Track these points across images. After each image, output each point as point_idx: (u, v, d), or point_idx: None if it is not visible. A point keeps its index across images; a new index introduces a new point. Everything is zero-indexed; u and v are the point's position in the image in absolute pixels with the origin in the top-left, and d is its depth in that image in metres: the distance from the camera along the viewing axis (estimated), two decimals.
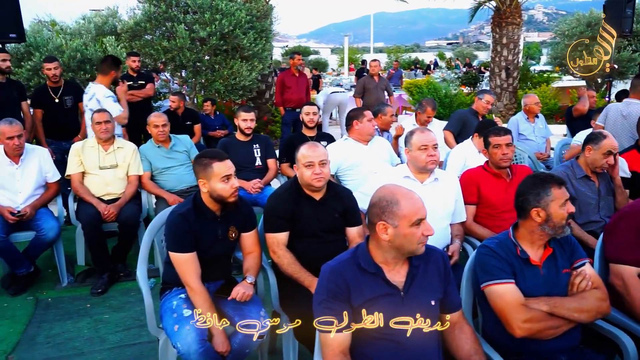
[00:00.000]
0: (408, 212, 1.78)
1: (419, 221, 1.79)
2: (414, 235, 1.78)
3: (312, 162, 2.64)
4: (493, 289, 1.99)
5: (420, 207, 1.81)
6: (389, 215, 1.79)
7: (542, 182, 2.06)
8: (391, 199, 1.81)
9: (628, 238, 2.24)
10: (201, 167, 2.53)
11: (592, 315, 1.99)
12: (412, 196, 1.83)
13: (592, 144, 3.23)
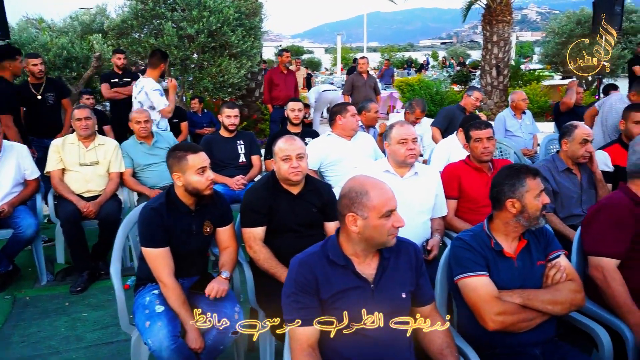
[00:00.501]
0: (377, 203, 1.74)
1: (389, 212, 1.75)
2: (384, 226, 1.75)
3: (289, 156, 2.60)
4: (466, 282, 1.96)
5: (390, 198, 1.77)
6: (358, 206, 1.75)
7: (517, 173, 2.02)
8: (360, 190, 1.77)
9: (607, 230, 2.21)
10: (175, 160, 2.48)
11: (566, 308, 1.96)
12: (381, 187, 1.79)
13: (567, 137, 3.23)
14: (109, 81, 6.52)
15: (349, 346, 1.74)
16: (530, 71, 14.26)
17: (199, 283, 2.54)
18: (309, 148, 4.00)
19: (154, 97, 4.83)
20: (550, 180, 3.25)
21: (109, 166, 4.12)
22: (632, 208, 2.22)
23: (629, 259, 2.18)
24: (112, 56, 6.67)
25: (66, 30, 8.71)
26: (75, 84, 7.59)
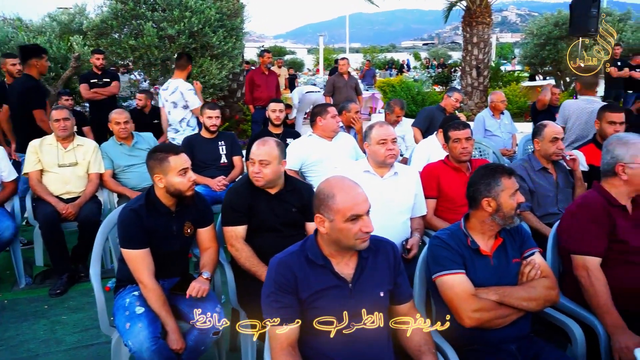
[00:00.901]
0: (342, 207, 1.74)
1: (354, 217, 1.74)
2: (350, 230, 1.74)
3: (253, 160, 2.63)
4: (444, 280, 1.99)
5: (357, 203, 1.76)
6: (325, 208, 1.76)
7: (493, 173, 2.07)
8: (328, 192, 1.77)
9: (586, 229, 2.25)
10: (157, 162, 2.48)
11: (540, 304, 2.01)
12: (350, 191, 1.78)
13: (538, 137, 3.33)
14: (88, 81, 6.45)
15: (329, 344, 1.76)
16: (509, 72, 14.46)
17: (180, 284, 2.54)
18: (290, 149, 4.03)
19: (189, 96, 5.20)
20: (526, 179, 3.31)
21: (88, 167, 4.09)
22: (606, 206, 2.28)
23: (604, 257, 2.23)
24: (91, 56, 6.60)
25: (44, 30, 8.58)
26: (54, 85, 7.47)
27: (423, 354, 1.81)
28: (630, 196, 2.32)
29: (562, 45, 12.66)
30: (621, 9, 15.52)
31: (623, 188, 2.31)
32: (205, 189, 4.29)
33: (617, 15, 14.45)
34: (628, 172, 2.28)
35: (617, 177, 2.31)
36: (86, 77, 6.55)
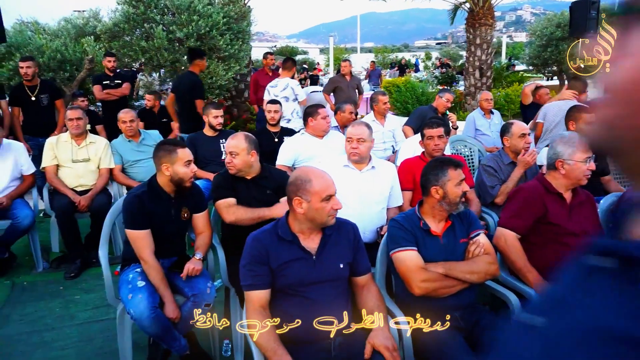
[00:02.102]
0: (319, 189, 2.10)
1: (328, 197, 2.11)
2: (324, 209, 2.10)
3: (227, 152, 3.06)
4: (398, 255, 2.32)
5: (330, 185, 2.13)
6: (303, 192, 2.11)
7: (441, 165, 2.39)
8: (305, 178, 2.12)
9: (516, 209, 2.60)
10: (166, 152, 2.85)
11: (482, 277, 2.33)
12: (323, 176, 2.15)
13: (506, 135, 3.64)
14: (100, 83, 6.85)
15: (294, 306, 2.10)
16: (513, 73, 14.66)
17: (178, 263, 2.90)
18: (284, 146, 4.38)
19: (298, 90, 6.35)
20: (498, 171, 3.64)
21: (99, 163, 4.47)
22: (542, 194, 2.59)
23: (537, 237, 2.56)
24: (103, 59, 6.99)
25: (60, 33, 9.01)
26: (69, 86, 7.91)
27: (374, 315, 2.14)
28: (568, 187, 2.63)
29: (563, 46, 12.84)
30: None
31: (562, 180, 2.62)
32: (207, 183, 4.64)
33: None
34: (566, 168, 2.59)
35: (557, 171, 2.62)
36: (99, 78, 6.95)
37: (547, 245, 2.54)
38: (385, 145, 5.50)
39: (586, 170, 2.60)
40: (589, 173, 2.62)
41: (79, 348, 3.16)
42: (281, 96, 6.19)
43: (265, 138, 5.10)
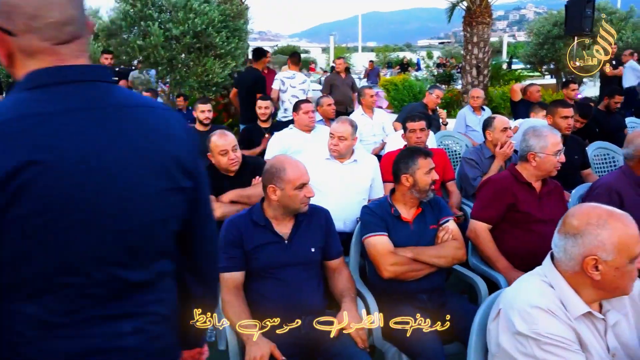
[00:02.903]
0: (293, 178, 2.19)
1: (301, 185, 2.20)
2: (297, 196, 2.20)
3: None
4: (369, 240, 2.42)
5: (303, 174, 2.23)
6: (277, 180, 2.20)
7: (412, 154, 2.49)
8: (279, 166, 2.22)
9: (486, 200, 2.69)
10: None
11: (449, 261, 2.43)
12: (296, 165, 2.24)
13: (489, 128, 3.73)
14: None
15: (267, 288, 2.20)
16: (511, 71, 14.73)
17: None
18: (272, 140, 4.48)
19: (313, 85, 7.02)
20: (479, 164, 3.73)
21: None
22: (512, 183, 2.69)
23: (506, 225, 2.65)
24: (100, 57, 7.11)
25: None
26: None
27: (344, 297, 2.23)
28: (538, 178, 2.72)
29: (560, 44, 12.91)
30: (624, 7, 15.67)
31: (533, 171, 2.71)
32: None
33: (622, 14, 14.62)
34: (537, 160, 2.68)
35: (529, 162, 2.71)
36: None
37: (517, 232, 2.63)
38: (375, 138, 5.58)
39: (557, 162, 2.69)
40: (559, 165, 2.71)
41: None
42: (299, 88, 6.53)
43: (256, 134, 5.21)
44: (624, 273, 1.39)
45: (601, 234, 1.38)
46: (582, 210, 1.46)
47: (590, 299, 1.45)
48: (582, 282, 1.44)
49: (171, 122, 1.15)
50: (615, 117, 5.74)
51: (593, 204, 1.48)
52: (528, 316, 1.40)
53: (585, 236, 1.40)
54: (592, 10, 10.83)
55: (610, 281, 1.40)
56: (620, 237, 1.37)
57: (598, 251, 1.38)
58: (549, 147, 2.66)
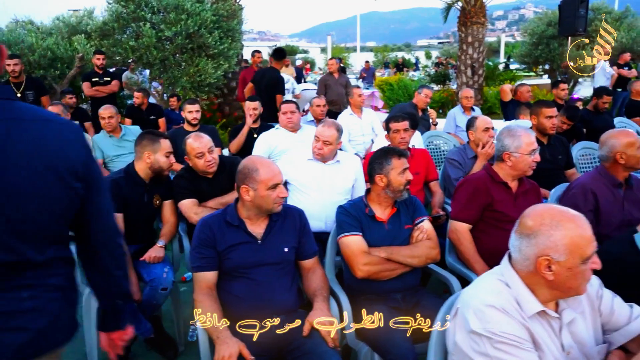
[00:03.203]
0: (265, 178, 2.20)
1: (274, 185, 2.21)
2: (270, 196, 2.21)
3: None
4: (343, 240, 2.43)
5: (276, 174, 2.23)
6: (250, 180, 2.22)
7: (385, 154, 2.50)
8: (252, 167, 2.23)
9: (464, 201, 2.70)
10: (150, 141, 3.00)
11: (422, 260, 2.44)
12: (269, 165, 2.25)
13: (471, 128, 3.75)
14: (89, 80, 7.00)
15: (240, 287, 2.21)
16: (506, 71, 14.75)
17: (142, 250, 3.01)
18: (259, 140, 4.49)
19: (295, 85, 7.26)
20: (462, 164, 3.75)
21: None
22: (488, 183, 2.70)
23: (483, 224, 2.66)
24: (92, 57, 7.13)
25: (53, 31, 9.14)
26: (60, 83, 8.04)
27: (316, 297, 2.24)
28: (514, 177, 2.74)
29: (554, 44, 12.92)
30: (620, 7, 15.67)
31: (508, 171, 2.73)
32: None
33: (617, 14, 14.63)
34: (512, 160, 2.69)
35: (504, 162, 2.72)
36: (88, 75, 7.10)
37: (493, 231, 2.64)
38: (365, 138, 5.60)
39: (531, 162, 2.70)
40: (534, 165, 2.73)
41: None
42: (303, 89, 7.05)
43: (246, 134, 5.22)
44: (576, 273, 1.40)
45: (554, 234, 1.40)
46: (536, 211, 1.47)
47: (545, 298, 1.47)
48: (537, 282, 1.45)
49: (64, 133, 1.39)
50: (604, 117, 5.76)
51: (548, 205, 1.50)
52: (482, 315, 1.42)
53: (539, 237, 1.42)
54: (586, 10, 10.84)
55: (563, 281, 1.41)
56: (572, 238, 1.39)
57: (550, 252, 1.40)
58: (523, 147, 2.67)
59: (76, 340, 3.09)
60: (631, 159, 2.66)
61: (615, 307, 1.57)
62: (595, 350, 1.51)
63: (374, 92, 14.42)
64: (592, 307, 1.55)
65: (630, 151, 2.70)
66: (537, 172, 3.85)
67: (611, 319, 1.56)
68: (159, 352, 2.97)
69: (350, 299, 2.39)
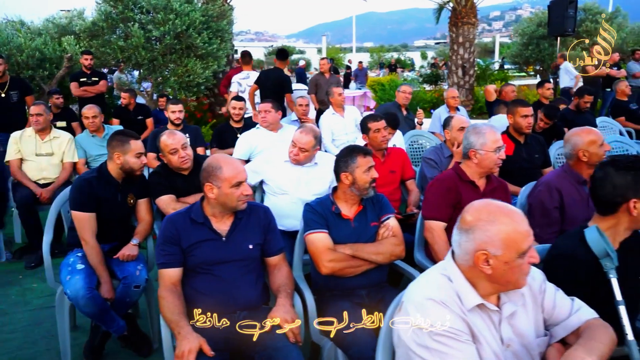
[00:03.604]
0: (228, 176, 2.23)
1: (238, 183, 2.23)
2: (234, 194, 2.23)
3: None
4: (309, 237, 2.46)
5: (239, 172, 2.25)
6: (214, 178, 2.25)
7: (351, 152, 2.53)
8: (215, 165, 2.26)
9: (436, 199, 2.73)
10: (119, 143, 3.00)
11: (387, 257, 2.47)
12: (233, 163, 2.28)
13: (447, 128, 3.78)
14: (77, 80, 7.02)
15: (204, 283, 2.24)
16: (497, 71, 14.81)
17: (117, 248, 3.04)
18: (239, 140, 4.52)
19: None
20: (438, 163, 3.79)
21: (63, 156, 4.62)
22: (456, 182, 2.73)
23: (452, 222, 2.69)
24: (80, 57, 7.15)
25: (42, 32, 9.16)
26: (49, 84, 8.06)
27: (280, 293, 2.27)
28: (481, 175, 2.77)
29: (544, 44, 12.98)
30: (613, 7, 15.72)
31: (475, 169, 2.76)
32: None
33: (607, 14, 14.70)
34: (478, 157, 2.73)
35: (471, 160, 2.76)
36: (76, 76, 7.12)
37: None
38: (348, 136, 5.62)
39: (497, 159, 2.74)
40: (500, 162, 2.76)
41: (27, 332, 3.31)
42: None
43: (229, 134, 5.25)
44: (513, 267, 1.44)
45: (490, 229, 1.43)
46: (475, 207, 1.50)
47: (486, 292, 1.50)
48: (477, 276, 1.49)
49: None
50: (585, 117, 5.80)
51: (487, 201, 1.53)
52: (422, 308, 1.45)
53: (476, 232, 1.45)
54: (575, 10, 10.90)
55: (501, 275, 1.45)
56: (507, 233, 1.42)
57: (487, 246, 1.43)
58: (488, 144, 2.71)
59: (50, 338, 3.17)
60: (593, 157, 2.70)
61: (557, 301, 1.60)
62: (535, 343, 1.55)
63: (366, 92, 14.47)
64: (534, 301, 1.59)
65: (592, 149, 2.74)
66: (514, 170, 3.93)
67: (553, 313, 1.59)
68: (133, 349, 3.00)
69: (316, 295, 2.43)
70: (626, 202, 1.84)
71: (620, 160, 1.89)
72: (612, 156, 2.00)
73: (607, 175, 1.87)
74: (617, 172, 1.85)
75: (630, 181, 1.83)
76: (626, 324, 1.69)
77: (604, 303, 1.73)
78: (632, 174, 1.83)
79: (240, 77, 7.04)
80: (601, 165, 1.94)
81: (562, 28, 10.72)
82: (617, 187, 1.84)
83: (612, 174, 1.86)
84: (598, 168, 1.94)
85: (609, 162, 1.91)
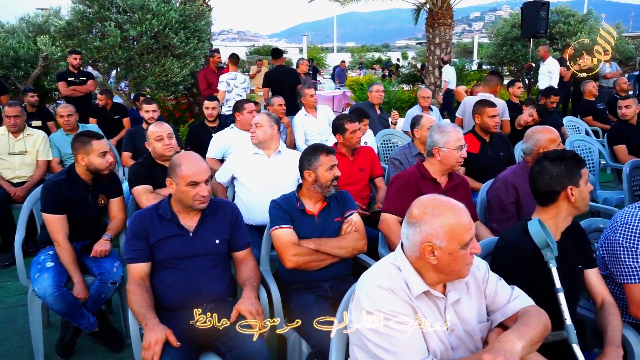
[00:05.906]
0: (185, 174, 2.29)
1: (193, 183, 2.29)
2: (189, 193, 2.29)
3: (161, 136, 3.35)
4: (274, 233, 2.56)
5: (197, 172, 2.30)
6: (173, 174, 2.32)
7: (314, 151, 2.63)
8: (177, 162, 2.34)
9: (395, 195, 2.85)
10: (81, 144, 3.02)
11: (349, 251, 2.58)
12: (194, 163, 2.33)
13: (417, 127, 3.90)
14: (65, 80, 7.02)
15: (171, 277, 2.31)
16: (474, 71, 15.05)
17: (89, 245, 3.09)
18: (213, 140, 4.58)
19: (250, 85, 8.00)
20: (404, 163, 3.90)
21: (37, 155, 4.63)
22: (418, 179, 2.85)
23: None
24: (68, 56, 7.14)
25: (16, 31, 9.10)
26: (24, 83, 8.01)
27: (246, 285, 2.36)
28: (443, 172, 2.89)
29: (518, 45, 13.24)
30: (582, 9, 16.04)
31: (438, 166, 2.88)
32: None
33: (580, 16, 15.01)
34: (441, 155, 2.84)
35: (434, 157, 2.87)
36: (64, 75, 7.12)
37: None
38: (322, 136, 5.71)
39: (459, 157, 2.86)
40: (461, 160, 2.88)
41: (0, 329, 3.33)
42: (241, 87, 7.40)
43: (204, 133, 5.30)
44: (457, 258, 1.54)
45: (434, 222, 1.54)
46: (421, 202, 1.61)
47: (432, 281, 1.61)
48: (424, 266, 1.59)
49: None
50: (552, 117, 5.99)
51: (433, 195, 1.63)
52: (372, 294, 1.55)
53: (422, 225, 1.55)
54: (547, 13, 11.13)
55: (445, 265, 1.55)
56: (450, 226, 1.53)
57: (432, 238, 1.54)
58: (451, 142, 2.82)
59: (22, 335, 3.20)
60: None
61: (499, 290, 1.72)
62: (478, 328, 1.66)
63: (345, 92, 14.63)
64: (477, 289, 1.70)
65: (551, 147, 2.88)
66: (480, 168, 4.06)
67: (494, 300, 1.71)
68: (104, 344, 3.05)
69: (281, 288, 2.52)
70: (564, 189, 1.98)
71: (552, 153, 2.05)
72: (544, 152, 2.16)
73: (544, 168, 2.01)
74: (552, 163, 2.00)
75: (564, 170, 1.98)
76: (565, 310, 1.82)
77: (545, 291, 1.85)
78: (565, 164, 1.99)
79: (228, 77, 7.34)
80: (536, 161, 2.08)
81: (535, 30, 10.91)
82: (554, 176, 1.98)
83: (548, 166, 2.00)
84: (534, 163, 2.07)
85: (543, 156, 2.06)
